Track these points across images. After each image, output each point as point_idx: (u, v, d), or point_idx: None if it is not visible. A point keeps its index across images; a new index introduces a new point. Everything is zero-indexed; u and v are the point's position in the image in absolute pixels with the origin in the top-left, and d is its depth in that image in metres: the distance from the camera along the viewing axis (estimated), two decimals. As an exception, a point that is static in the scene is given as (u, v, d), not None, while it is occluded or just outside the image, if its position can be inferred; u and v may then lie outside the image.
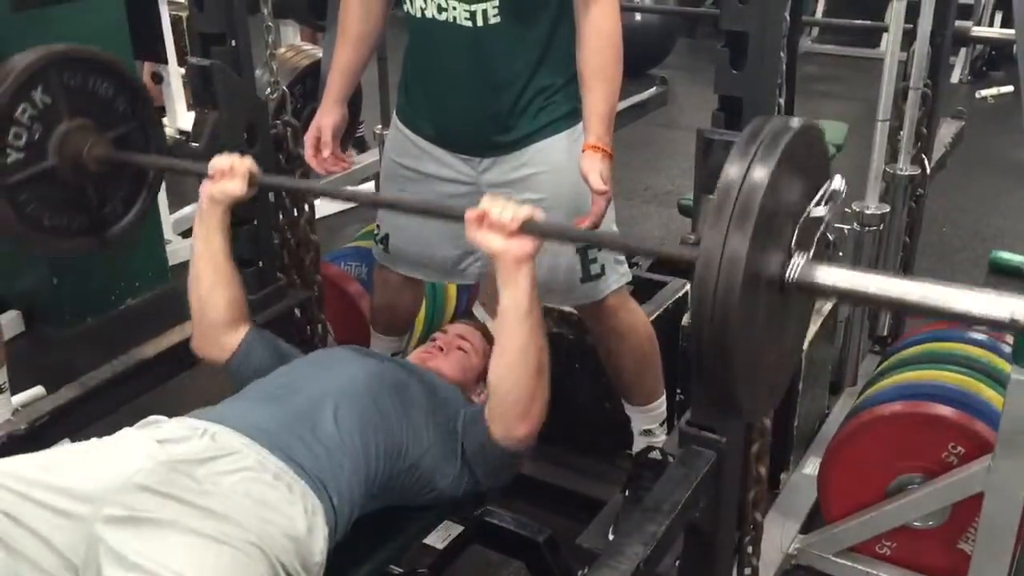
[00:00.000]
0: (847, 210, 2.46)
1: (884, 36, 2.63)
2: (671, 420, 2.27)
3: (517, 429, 1.57)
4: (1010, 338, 1.98)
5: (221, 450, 1.41)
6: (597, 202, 1.81)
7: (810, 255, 1.22)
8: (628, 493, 1.90)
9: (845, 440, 2.15)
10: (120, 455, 1.38)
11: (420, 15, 1.84)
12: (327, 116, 2.04)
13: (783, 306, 1.25)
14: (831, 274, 1.22)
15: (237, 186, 1.71)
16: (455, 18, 1.80)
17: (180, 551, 1.26)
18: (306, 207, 2.14)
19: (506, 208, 1.44)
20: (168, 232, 3.81)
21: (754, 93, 1.50)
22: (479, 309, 2.57)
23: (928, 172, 2.78)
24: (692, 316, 1.16)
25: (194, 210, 1.78)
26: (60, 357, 3.14)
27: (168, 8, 3.87)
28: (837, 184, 1.26)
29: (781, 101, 1.79)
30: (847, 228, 2.54)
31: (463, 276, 2.13)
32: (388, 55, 3.34)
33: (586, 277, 1.98)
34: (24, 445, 1.74)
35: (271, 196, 2.08)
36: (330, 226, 4.02)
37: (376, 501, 1.56)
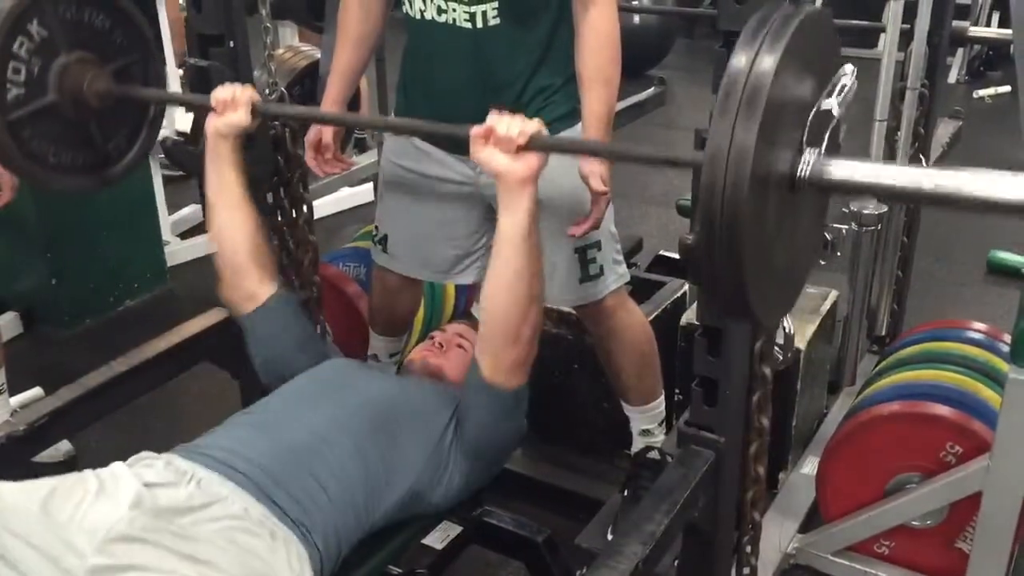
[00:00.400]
0: (844, 210, 2.46)
1: (881, 36, 2.62)
2: (670, 420, 2.28)
3: (506, 355, 1.54)
4: (1008, 337, 1.98)
5: (207, 497, 1.40)
6: (597, 203, 1.81)
7: (822, 151, 1.15)
8: (627, 493, 1.91)
9: (843, 440, 2.15)
10: (108, 500, 1.36)
11: (419, 17, 1.84)
12: (327, 117, 2.05)
13: (796, 206, 1.19)
14: (846, 168, 1.15)
15: (241, 116, 1.70)
16: (455, 20, 1.80)
17: None
18: (304, 208, 2.14)
19: (513, 123, 1.42)
20: (166, 233, 3.80)
21: (752, 93, 1.49)
22: (478, 309, 2.57)
23: (926, 172, 2.78)
24: (700, 214, 1.08)
25: (192, 212, 1.78)
26: (59, 358, 3.14)
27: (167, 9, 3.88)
28: (848, 74, 1.20)
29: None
30: (845, 228, 2.53)
31: (461, 276, 2.13)
32: (386, 56, 3.35)
33: (584, 277, 1.98)
34: (23, 446, 1.74)
35: (269, 197, 2.07)
36: (328, 227, 4.03)
37: (368, 533, 1.55)
